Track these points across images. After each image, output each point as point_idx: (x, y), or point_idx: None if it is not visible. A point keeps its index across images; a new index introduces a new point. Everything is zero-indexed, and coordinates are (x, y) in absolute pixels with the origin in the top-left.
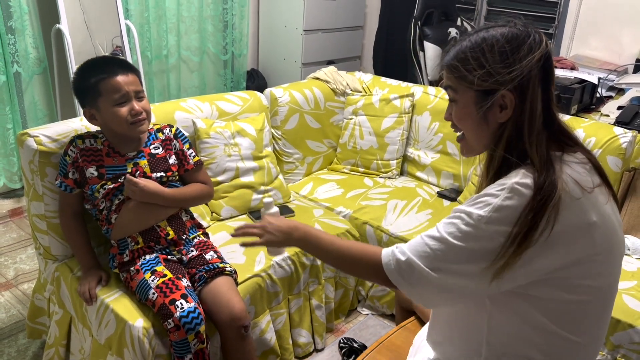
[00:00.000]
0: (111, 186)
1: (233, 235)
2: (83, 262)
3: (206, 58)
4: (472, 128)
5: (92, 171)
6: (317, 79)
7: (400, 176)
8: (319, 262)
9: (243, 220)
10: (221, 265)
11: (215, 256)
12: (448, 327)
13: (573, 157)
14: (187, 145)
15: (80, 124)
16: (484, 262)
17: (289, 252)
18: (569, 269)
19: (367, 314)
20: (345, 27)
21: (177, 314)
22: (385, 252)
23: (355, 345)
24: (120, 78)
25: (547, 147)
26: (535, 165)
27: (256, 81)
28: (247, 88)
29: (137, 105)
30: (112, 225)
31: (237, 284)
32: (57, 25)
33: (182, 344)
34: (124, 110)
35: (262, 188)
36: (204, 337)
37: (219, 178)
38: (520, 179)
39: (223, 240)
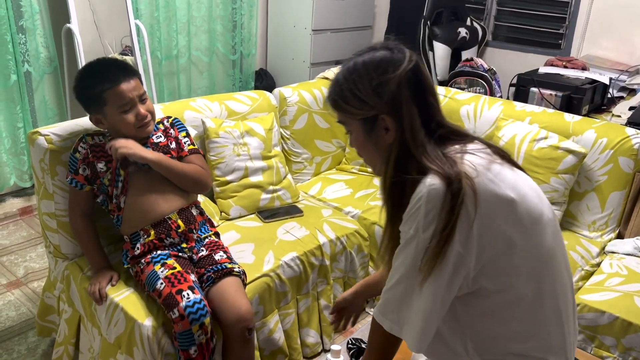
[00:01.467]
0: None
1: None
2: (93, 262)
3: (215, 58)
4: (368, 154)
5: (101, 166)
6: (326, 78)
7: None
8: (327, 262)
9: (252, 220)
10: (229, 265)
11: (225, 256)
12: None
13: (471, 146)
14: (183, 134)
15: (90, 122)
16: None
17: (297, 251)
18: (510, 249)
19: None
20: (354, 27)
21: (183, 303)
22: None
23: (363, 345)
24: (124, 86)
25: (440, 149)
26: (434, 169)
27: (265, 81)
28: (256, 88)
29: (142, 109)
30: (121, 212)
31: (245, 285)
32: (68, 24)
33: (186, 335)
34: (130, 116)
35: (271, 187)
36: (209, 329)
37: (228, 177)
38: (428, 183)
39: (232, 239)
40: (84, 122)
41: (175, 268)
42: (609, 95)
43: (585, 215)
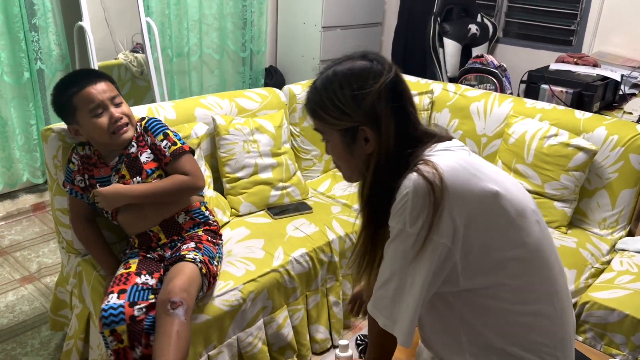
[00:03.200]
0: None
1: None
2: (104, 265)
3: (226, 56)
4: (346, 163)
5: (86, 179)
6: None
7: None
8: (336, 258)
9: (261, 216)
10: (184, 253)
11: (192, 245)
12: (429, 328)
13: (448, 143)
14: (160, 137)
15: None
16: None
17: (306, 248)
18: (497, 241)
19: None
20: (364, 24)
21: (103, 304)
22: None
23: None
24: (91, 88)
25: (419, 150)
26: (416, 169)
27: (274, 78)
28: (265, 85)
29: (115, 111)
30: (115, 220)
31: (202, 274)
32: (80, 22)
33: (103, 336)
34: (103, 120)
35: (281, 184)
36: (122, 337)
37: (238, 174)
38: (414, 179)
39: (242, 235)
40: None
41: (130, 268)
42: (621, 92)
43: (596, 212)
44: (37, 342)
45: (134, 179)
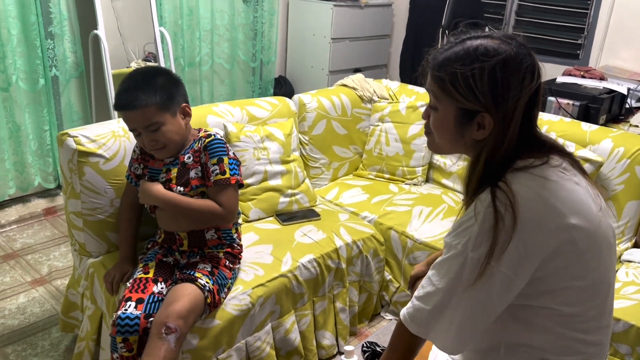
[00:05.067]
0: None
1: None
2: (120, 251)
3: (236, 66)
4: (447, 138)
5: (141, 168)
6: (345, 85)
7: (426, 183)
8: (344, 265)
9: (270, 222)
10: (197, 275)
11: (207, 269)
12: None
13: (545, 166)
14: (213, 160)
15: (117, 125)
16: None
17: (314, 254)
18: (556, 271)
19: (391, 319)
20: (373, 36)
21: (120, 312)
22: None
23: (378, 349)
24: (128, 114)
25: (515, 160)
26: (499, 187)
27: (284, 88)
28: (275, 95)
29: (147, 139)
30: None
31: (207, 304)
32: (95, 31)
33: (113, 340)
34: (140, 140)
35: (289, 191)
36: (132, 347)
37: (248, 181)
38: (487, 203)
39: (251, 240)
40: (111, 124)
41: (148, 273)
42: (627, 106)
43: None
44: (48, 344)
45: (178, 187)
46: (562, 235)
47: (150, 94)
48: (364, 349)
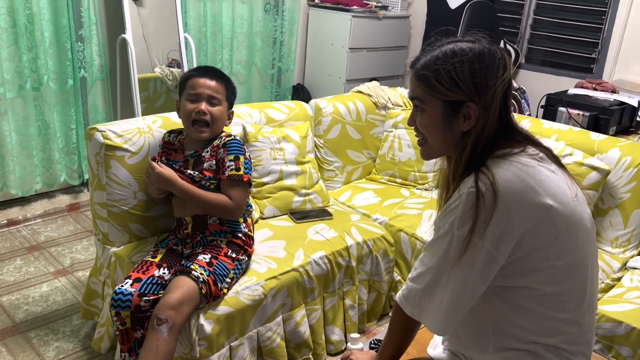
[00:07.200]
0: None
1: None
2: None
3: (254, 71)
4: (438, 136)
5: (163, 160)
6: (360, 92)
7: (437, 188)
8: (354, 263)
9: (284, 219)
10: (193, 267)
11: (206, 259)
12: None
13: (522, 154)
14: (230, 157)
15: (142, 122)
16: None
17: (325, 251)
18: (541, 251)
19: None
20: (390, 47)
21: (117, 288)
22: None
23: None
24: (203, 80)
25: (498, 148)
26: (482, 170)
27: (301, 95)
28: None
29: (204, 106)
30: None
31: (202, 294)
32: (123, 35)
33: (111, 315)
34: (191, 106)
35: (304, 191)
36: (125, 321)
37: (264, 179)
38: (470, 185)
39: (265, 236)
40: (137, 121)
41: (155, 258)
42: (638, 118)
43: (608, 231)
44: (69, 330)
45: (190, 170)
46: (539, 213)
47: (227, 80)
48: (372, 345)
